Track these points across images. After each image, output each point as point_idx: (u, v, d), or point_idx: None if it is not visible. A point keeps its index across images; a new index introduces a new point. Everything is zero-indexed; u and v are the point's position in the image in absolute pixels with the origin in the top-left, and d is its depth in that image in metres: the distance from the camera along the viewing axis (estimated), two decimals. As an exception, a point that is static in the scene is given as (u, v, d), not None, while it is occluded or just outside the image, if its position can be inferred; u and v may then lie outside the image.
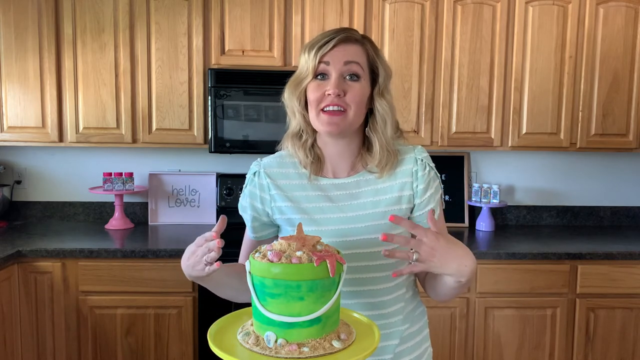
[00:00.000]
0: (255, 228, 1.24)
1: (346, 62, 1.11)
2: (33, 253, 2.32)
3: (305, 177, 1.19)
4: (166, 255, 2.33)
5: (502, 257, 2.40)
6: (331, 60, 1.10)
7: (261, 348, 0.90)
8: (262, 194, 1.21)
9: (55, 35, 2.55)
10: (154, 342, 2.38)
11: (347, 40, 1.12)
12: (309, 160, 1.18)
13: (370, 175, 1.19)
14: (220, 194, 2.87)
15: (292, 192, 1.19)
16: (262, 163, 1.23)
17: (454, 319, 2.44)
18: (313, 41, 1.14)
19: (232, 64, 2.58)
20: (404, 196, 1.17)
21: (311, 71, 1.11)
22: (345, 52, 1.11)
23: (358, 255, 1.14)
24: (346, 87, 1.11)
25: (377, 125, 1.16)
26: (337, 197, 1.18)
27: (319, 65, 1.11)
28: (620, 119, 2.68)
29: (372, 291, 1.16)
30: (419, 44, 2.61)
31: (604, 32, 2.63)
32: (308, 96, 1.14)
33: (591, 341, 2.46)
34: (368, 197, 1.17)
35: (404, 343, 1.20)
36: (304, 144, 1.18)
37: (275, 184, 1.20)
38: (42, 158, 2.95)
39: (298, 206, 1.17)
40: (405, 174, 1.18)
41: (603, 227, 3.01)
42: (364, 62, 1.13)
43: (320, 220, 1.16)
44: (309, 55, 1.12)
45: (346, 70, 1.11)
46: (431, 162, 1.21)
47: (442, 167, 2.92)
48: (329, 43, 1.10)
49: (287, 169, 1.21)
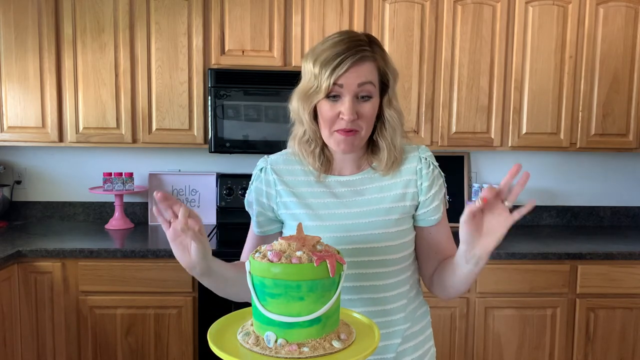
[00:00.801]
0: (260, 223, 1.25)
1: (360, 84, 1.10)
2: (33, 253, 2.32)
3: (311, 175, 1.21)
4: (166, 255, 2.33)
5: (502, 257, 2.40)
6: (345, 83, 1.09)
7: (261, 348, 0.90)
8: (268, 190, 1.22)
9: (55, 35, 2.55)
10: (154, 342, 2.38)
11: (361, 59, 1.10)
12: (318, 165, 1.20)
13: (375, 173, 1.20)
14: (220, 194, 2.87)
15: (298, 188, 1.20)
16: (269, 160, 1.25)
17: (454, 319, 2.44)
18: (324, 57, 1.10)
19: (232, 64, 2.58)
20: (408, 193, 1.19)
21: (323, 91, 1.10)
22: (358, 73, 1.09)
23: (361, 251, 1.14)
24: (359, 109, 1.11)
25: (387, 133, 1.17)
26: (342, 193, 1.19)
27: (333, 87, 1.09)
28: (620, 119, 2.68)
29: (375, 287, 1.16)
30: (419, 44, 2.61)
31: (604, 32, 2.63)
32: (320, 114, 1.13)
33: (591, 341, 2.46)
34: (373, 193, 1.18)
35: (406, 342, 1.20)
36: (313, 151, 1.19)
37: (281, 179, 1.21)
38: (42, 158, 2.95)
39: (303, 201, 1.19)
40: (409, 172, 1.19)
41: (603, 227, 3.01)
42: (375, 79, 1.13)
43: (325, 215, 1.17)
44: (321, 73, 1.09)
45: (359, 92, 1.10)
46: (435, 161, 1.22)
47: (442, 167, 2.89)
48: (342, 64, 1.08)
49: (294, 165, 1.23)
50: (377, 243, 1.15)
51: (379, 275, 1.16)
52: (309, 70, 1.13)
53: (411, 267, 1.23)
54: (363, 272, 1.16)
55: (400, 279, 1.19)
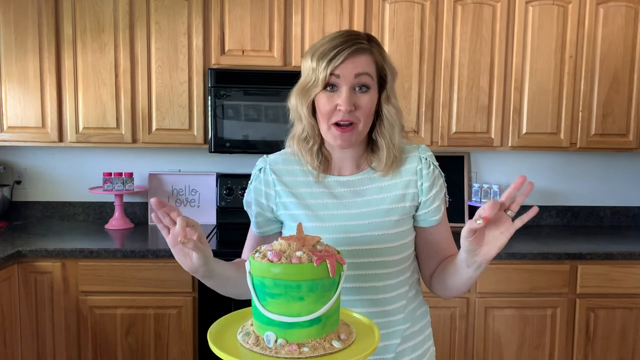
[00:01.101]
0: (259, 223, 1.25)
1: (357, 75, 1.10)
2: (33, 253, 2.32)
3: (310, 175, 1.20)
4: (166, 255, 2.33)
5: (502, 257, 2.40)
6: (342, 73, 1.09)
7: (261, 348, 0.90)
8: (267, 190, 1.22)
9: (55, 35, 2.55)
10: (154, 342, 2.38)
11: (357, 51, 1.11)
12: (316, 164, 1.19)
13: (375, 173, 1.20)
14: (220, 194, 2.87)
15: (297, 188, 1.20)
16: (268, 160, 1.25)
17: (454, 319, 2.44)
18: (321, 50, 1.11)
19: (232, 64, 2.58)
20: (408, 194, 1.18)
21: (320, 83, 1.10)
22: (355, 64, 1.10)
23: (361, 252, 1.14)
24: (357, 100, 1.11)
25: (385, 130, 1.17)
26: (342, 194, 1.19)
27: (330, 78, 1.10)
28: (620, 119, 2.68)
29: (374, 288, 1.16)
30: (419, 44, 2.61)
31: (604, 32, 2.63)
32: (318, 107, 1.13)
33: (591, 341, 2.46)
34: (372, 194, 1.18)
35: (405, 342, 1.20)
36: (311, 148, 1.19)
37: (280, 180, 1.21)
38: (42, 158, 2.95)
39: (302, 202, 1.18)
40: (409, 172, 1.19)
41: (603, 227, 3.01)
42: (373, 71, 1.13)
43: (324, 216, 1.16)
44: (318, 66, 1.10)
45: (357, 83, 1.10)
46: (435, 160, 1.22)
47: (442, 167, 2.89)
48: (339, 55, 1.09)
49: (293, 166, 1.22)
50: (377, 244, 1.15)
51: (379, 276, 1.16)
52: (308, 66, 1.13)
53: (411, 268, 1.23)
54: (363, 274, 1.15)
55: (400, 279, 1.19)
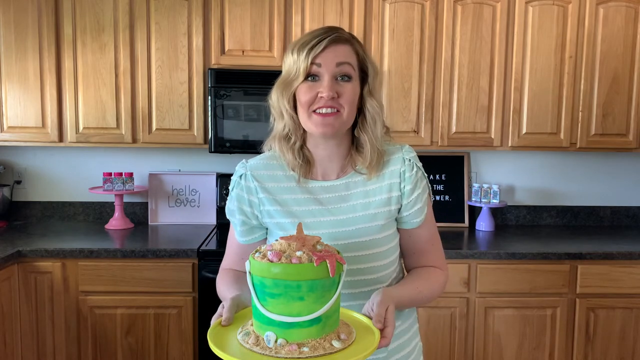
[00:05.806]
0: (244, 232, 1.22)
1: (338, 64, 1.10)
2: (33, 253, 2.32)
3: (293, 180, 1.18)
4: (166, 255, 2.33)
5: (502, 257, 2.40)
6: (323, 62, 1.09)
7: (261, 348, 0.90)
8: (250, 197, 1.19)
9: (55, 35, 2.55)
10: (154, 342, 2.38)
11: (338, 40, 1.10)
12: (298, 163, 1.16)
13: (359, 177, 1.18)
14: (220, 194, 2.87)
15: (281, 195, 1.17)
16: (249, 165, 1.21)
17: (454, 319, 2.44)
18: (302, 41, 1.11)
19: (232, 64, 2.58)
20: (392, 197, 1.17)
21: (302, 73, 1.09)
22: (336, 53, 1.10)
23: (348, 259, 1.12)
24: (339, 89, 1.10)
25: (367, 125, 1.15)
26: (327, 200, 1.16)
27: (311, 67, 1.09)
28: (620, 119, 2.68)
29: (363, 293, 1.15)
30: (419, 44, 2.61)
31: (604, 32, 2.63)
32: (299, 98, 1.12)
33: (591, 341, 2.46)
34: (358, 199, 1.16)
35: (395, 340, 1.20)
36: (292, 146, 1.16)
37: (262, 186, 1.18)
38: (42, 158, 2.95)
39: (287, 210, 1.16)
40: (393, 175, 1.17)
41: (603, 227, 3.01)
42: (354, 62, 1.13)
43: (311, 224, 1.14)
44: (299, 56, 1.10)
45: (338, 72, 1.10)
46: (419, 161, 1.20)
47: (442, 167, 2.92)
48: (319, 44, 1.09)
49: (275, 171, 1.19)
50: (365, 251, 1.14)
51: (367, 281, 1.16)
52: (289, 60, 1.13)
53: (397, 269, 1.23)
54: (351, 280, 1.14)
55: (389, 282, 1.19)
